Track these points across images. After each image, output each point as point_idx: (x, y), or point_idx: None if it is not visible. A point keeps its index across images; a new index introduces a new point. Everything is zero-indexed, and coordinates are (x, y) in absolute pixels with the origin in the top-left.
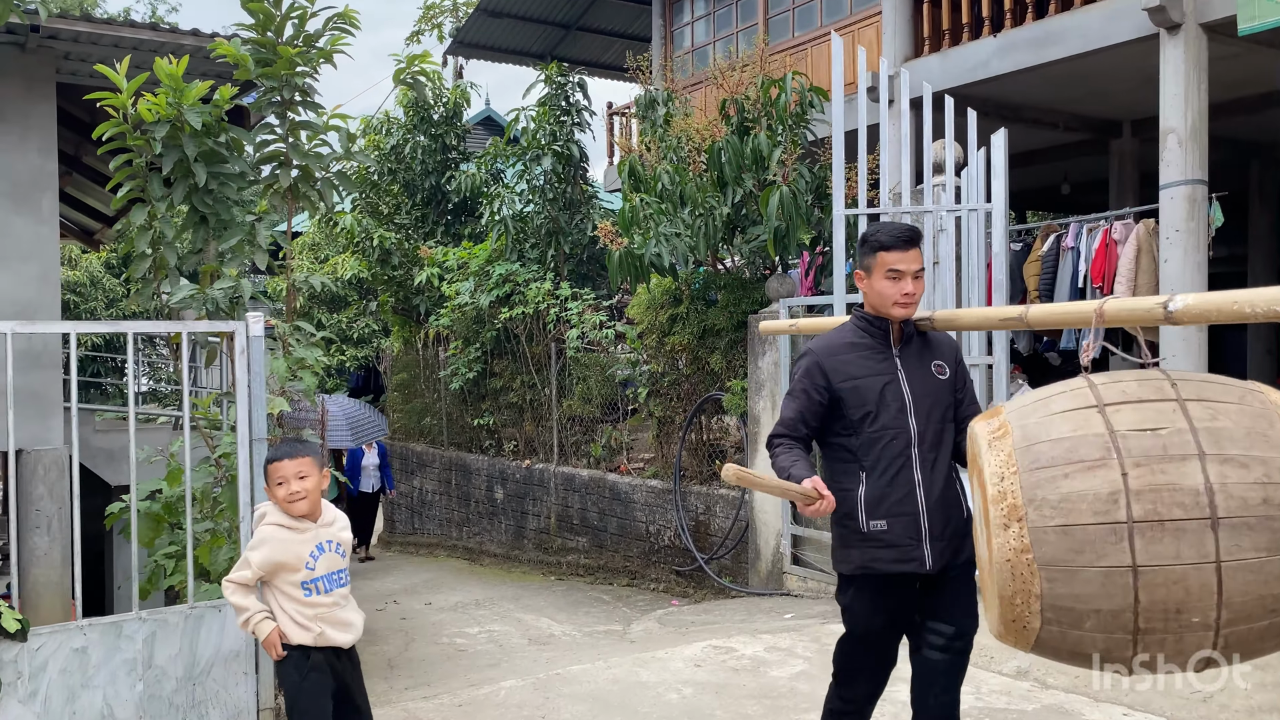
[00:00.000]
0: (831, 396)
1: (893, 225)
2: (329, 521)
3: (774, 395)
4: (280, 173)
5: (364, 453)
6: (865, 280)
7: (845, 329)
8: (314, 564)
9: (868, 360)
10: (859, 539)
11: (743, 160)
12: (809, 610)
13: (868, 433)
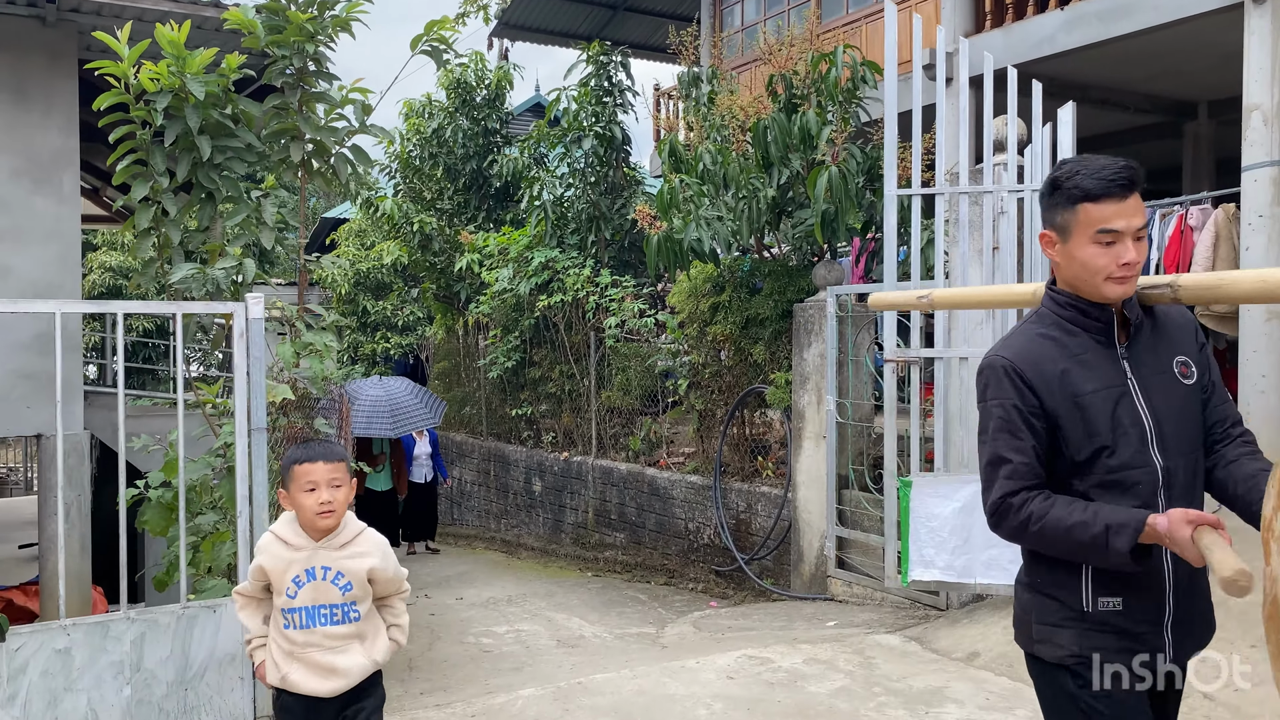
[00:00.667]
0: (1048, 422)
1: (1098, 162)
2: (341, 543)
3: (819, 389)
4: (292, 146)
5: (415, 441)
6: (1059, 246)
7: (1040, 321)
8: (295, 591)
9: (1087, 366)
10: (1074, 619)
11: (789, 139)
12: (853, 618)
13: (1100, 476)
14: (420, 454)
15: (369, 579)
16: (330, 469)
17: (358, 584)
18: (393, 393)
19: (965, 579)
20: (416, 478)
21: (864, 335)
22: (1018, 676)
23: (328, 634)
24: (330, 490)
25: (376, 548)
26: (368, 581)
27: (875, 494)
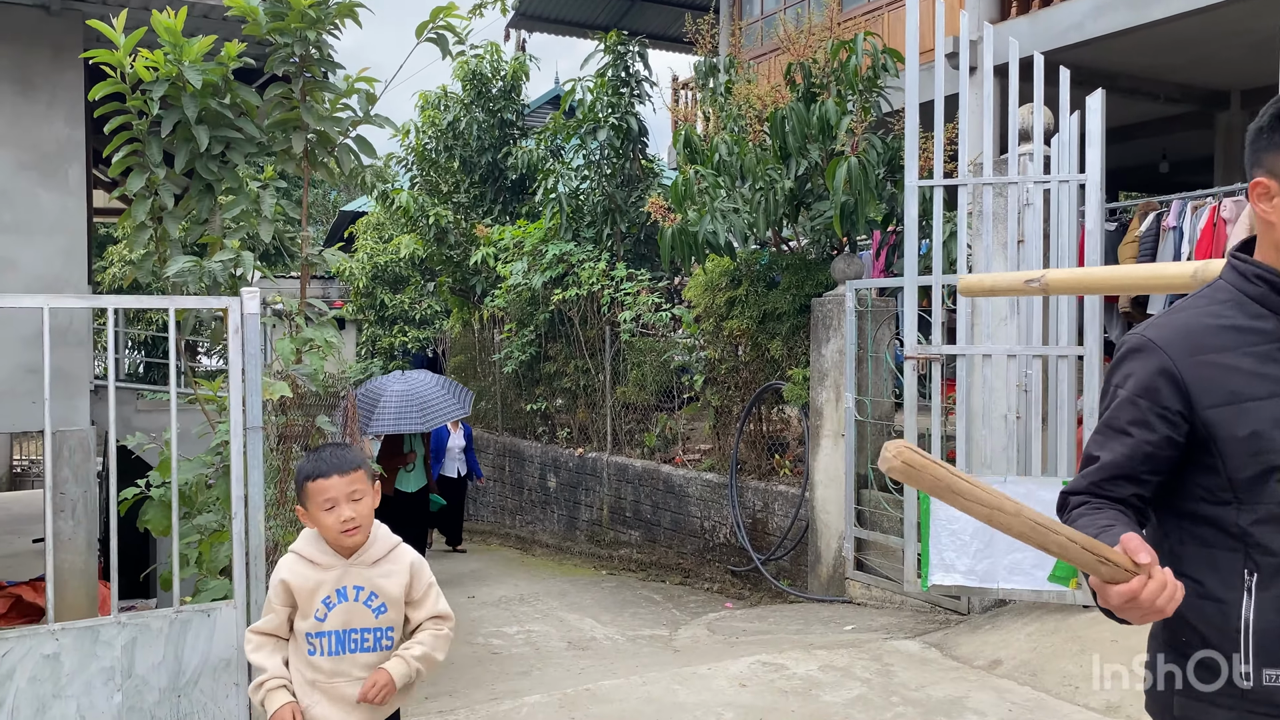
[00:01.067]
0: (1194, 431)
1: None
2: (373, 559)
3: (838, 386)
4: (294, 137)
5: (449, 433)
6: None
7: (1213, 297)
8: (325, 613)
9: (1267, 361)
10: (1231, 697)
11: (808, 129)
12: (871, 622)
13: (1270, 507)
14: (453, 447)
15: (405, 600)
16: (348, 481)
17: (393, 605)
18: (417, 385)
19: (987, 584)
20: (448, 472)
21: (884, 331)
22: (1041, 686)
23: (359, 662)
24: (351, 505)
25: (414, 566)
26: (404, 604)
27: (895, 494)
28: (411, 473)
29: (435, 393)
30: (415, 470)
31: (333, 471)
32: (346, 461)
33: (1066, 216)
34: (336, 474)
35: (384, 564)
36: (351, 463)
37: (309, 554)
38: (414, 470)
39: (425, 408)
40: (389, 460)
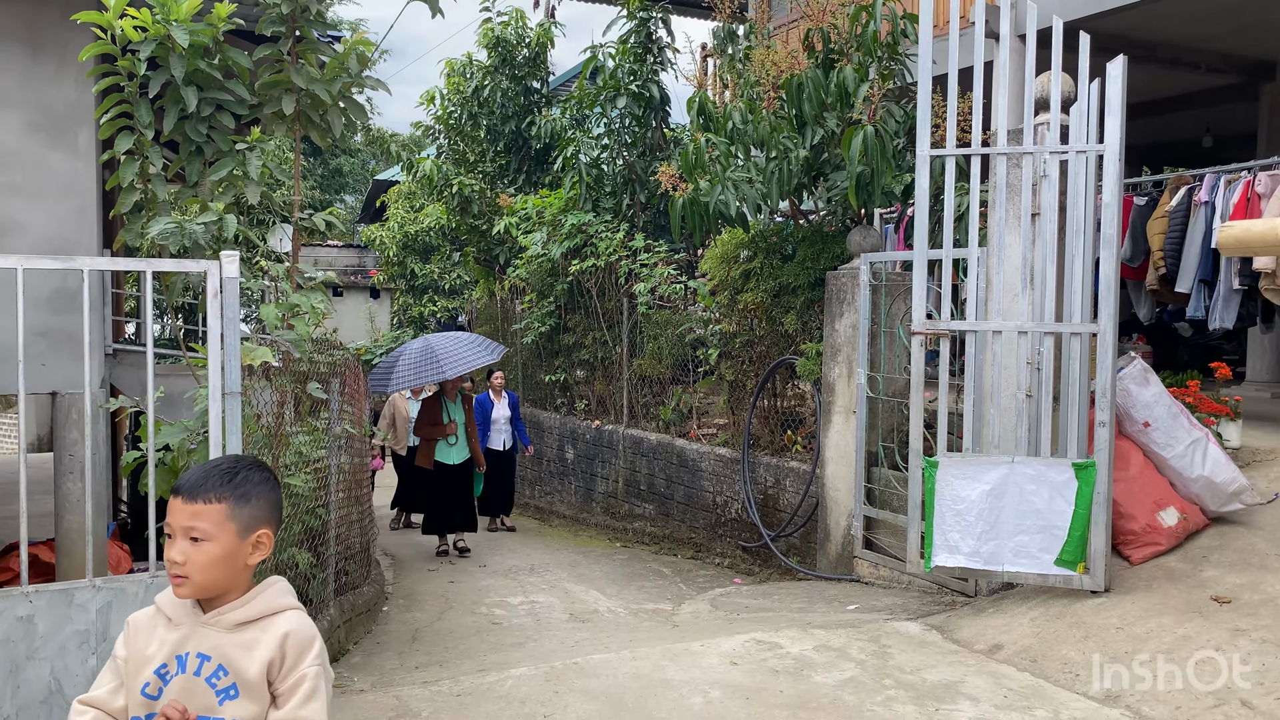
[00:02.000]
0: None
1: None
2: (236, 621)
3: (850, 362)
4: (284, 99)
5: (493, 403)
6: None
7: None
8: (157, 688)
9: None
10: None
11: (825, 96)
12: (876, 602)
13: None
14: (499, 417)
15: (269, 689)
16: (190, 512)
17: (247, 692)
18: (436, 339)
19: (992, 566)
20: (494, 444)
21: (899, 305)
22: (1040, 673)
23: None
24: (184, 543)
25: (287, 641)
26: (266, 685)
27: (905, 472)
28: (454, 445)
29: (455, 344)
30: (458, 442)
31: (181, 492)
32: (203, 486)
33: (1084, 188)
34: (183, 496)
35: (249, 630)
36: (208, 489)
37: (163, 602)
38: (456, 443)
39: (445, 358)
40: (427, 430)
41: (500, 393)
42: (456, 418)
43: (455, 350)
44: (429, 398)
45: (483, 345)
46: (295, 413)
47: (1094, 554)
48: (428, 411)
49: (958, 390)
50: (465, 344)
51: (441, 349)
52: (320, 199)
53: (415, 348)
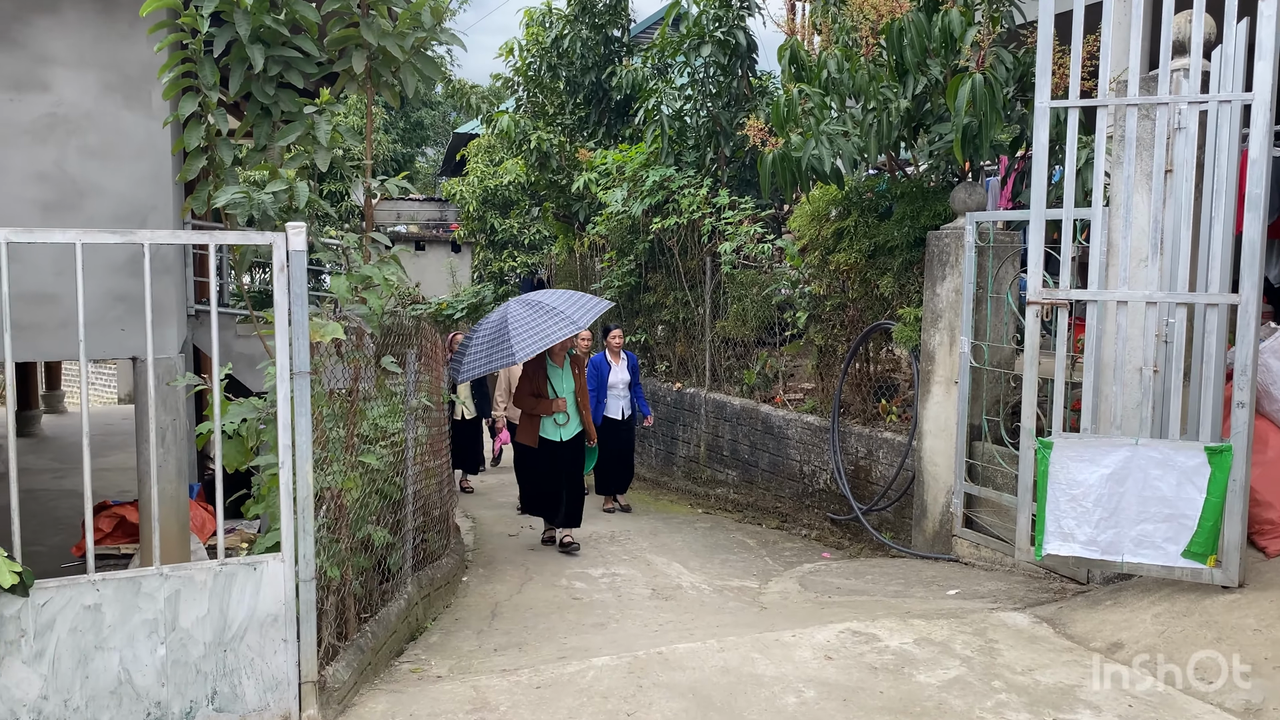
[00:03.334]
0: None
1: None
2: None
3: (952, 329)
4: (354, 55)
5: (609, 365)
6: None
7: None
8: None
9: None
10: None
11: (928, 42)
12: (977, 587)
13: None
14: (616, 382)
15: None
16: None
17: None
18: (513, 312)
19: (1110, 556)
20: (610, 412)
21: (1007, 269)
22: (1167, 678)
23: None
24: None
25: None
26: None
27: (1011, 448)
28: (564, 425)
29: (533, 317)
30: (569, 420)
31: None
32: None
33: (1227, 142)
34: None
35: None
36: None
37: None
38: (567, 421)
39: (517, 336)
40: (529, 401)
41: (618, 353)
42: (564, 386)
43: (528, 326)
44: (530, 360)
45: (586, 302)
46: (372, 384)
47: (1227, 546)
48: (528, 378)
49: (1070, 361)
50: (565, 301)
51: (515, 324)
52: (401, 152)
53: (490, 322)
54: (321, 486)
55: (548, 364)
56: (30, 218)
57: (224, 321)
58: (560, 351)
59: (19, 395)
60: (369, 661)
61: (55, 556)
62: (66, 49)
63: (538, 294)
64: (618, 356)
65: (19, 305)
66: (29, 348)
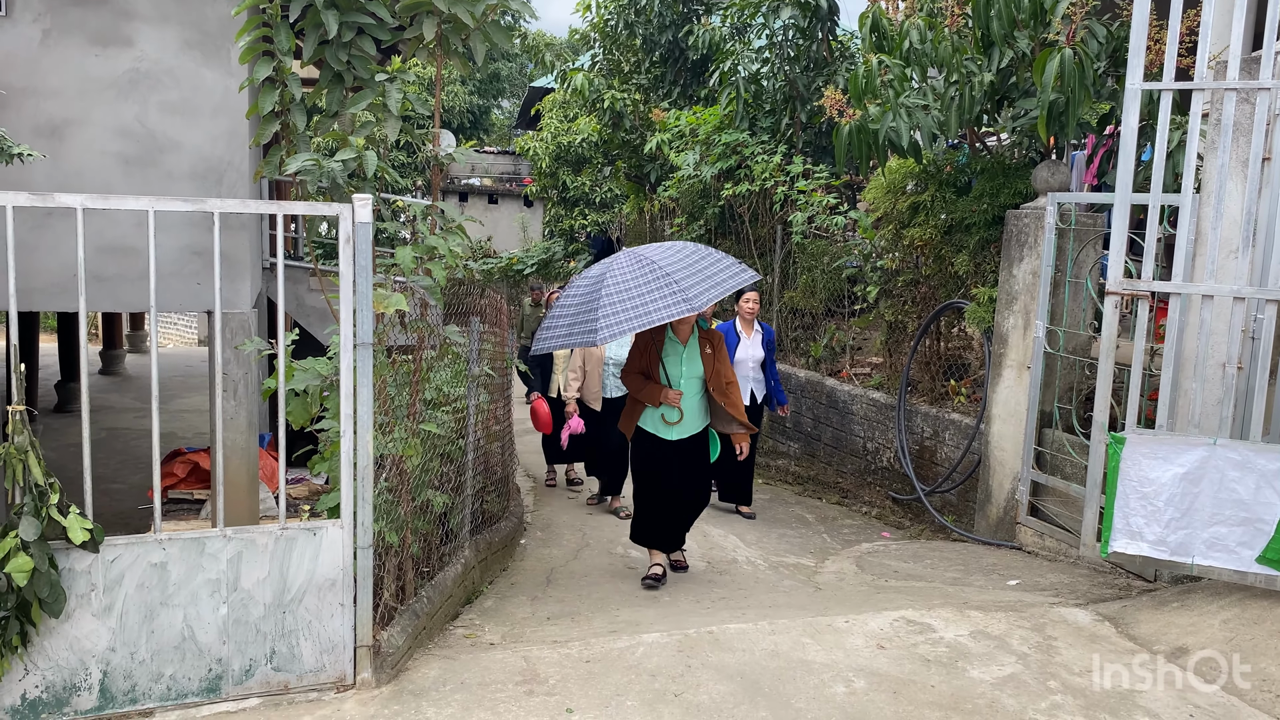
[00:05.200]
0: None
1: None
2: None
3: (1028, 312)
4: (424, 22)
5: (738, 337)
6: None
7: None
8: None
9: None
10: None
11: (1017, 13)
12: (1039, 578)
13: None
14: (745, 358)
15: None
16: None
17: None
18: (614, 270)
19: (1180, 557)
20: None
21: (1088, 252)
22: (1233, 688)
23: None
24: None
25: None
26: None
27: (1082, 438)
28: (676, 423)
29: (639, 282)
30: (684, 418)
31: None
32: None
33: None
34: None
35: None
36: None
37: None
38: (681, 419)
39: (608, 309)
40: (636, 381)
41: (751, 323)
42: (683, 371)
43: (664, 280)
44: (645, 331)
45: (716, 268)
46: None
47: None
48: (639, 351)
49: (1149, 354)
50: (686, 265)
51: (629, 285)
52: (478, 104)
53: (579, 290)
54: (383, 453)
55: (668, 335)
56: (112, 172)
57: (297, 275)
58: (685, 323)
59: (105, 335)
60: (424, 626)
61: (134, 495)
62: (149, 4)
63: (655, 249)
64: (750, 327)
65: (103, 257)
66: (110, 298)
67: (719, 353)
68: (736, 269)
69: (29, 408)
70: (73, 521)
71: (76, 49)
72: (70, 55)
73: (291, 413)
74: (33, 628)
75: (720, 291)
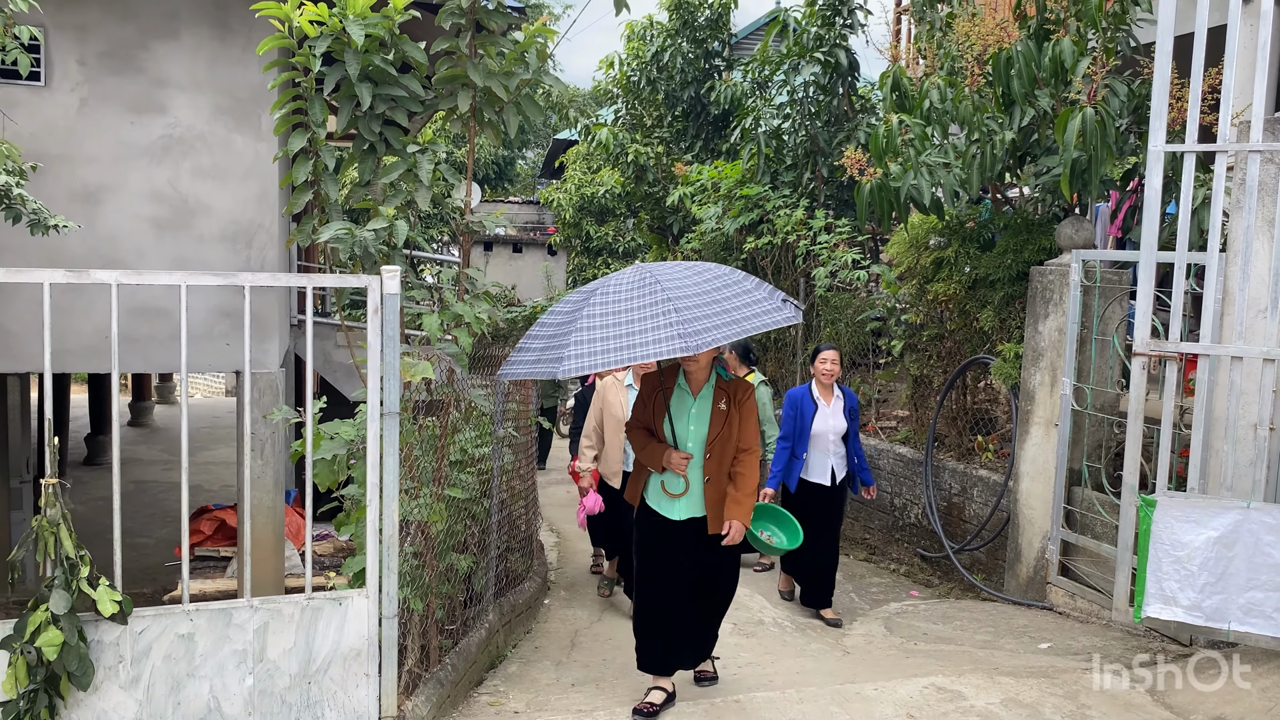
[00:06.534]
0: None
1: None
2: None
3: (1054, 369)
4: (460, 94)
5: (815, 404)
6: None
7: None
8: None
9: None
10: None
11: (1038, 71)
12: (1071, 641)
13: None
14: (824, 430)
15: None
16: None
17: None
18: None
19: (1216, 623)
20: (814, 475)
21: (1114, 309)
22: None
23: None
24: None
25: None
26: None
27: (1112, 496)
28: (679, 495)
29: (636, 306)
30: (689, 490)
31: None
32: None
33: None
34: None
35: None
36: None
37: None
38: (684, 491)
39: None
40: (639, 438)
41: (831, 389)
42: (690, 429)
43: (665, 305)
44: (649, 371)
45: (735, 300)
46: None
47: None
48: (644, 401)
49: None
50: (696, 290)
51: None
52: (503, 155)
53: (578, 298)
54: (407, 519)
55: (679, 381)
56: (146, 235)
57: (324, 331)
58: (700, 364)
59: (134, 387)
60: (448, 695)
61: (161, 550)
62: (183, 73)
63: (670, 268)
64: (830, 393)
65: (134, 319)
66: (142, 359)
67: (741, 411)
68: (769, 304)
69: (61, 480)
70: (102, 594)
71: (113, 117)
72: (106, 123)
73: (318, 476)
74: (61, 700)
75: (736, 331)
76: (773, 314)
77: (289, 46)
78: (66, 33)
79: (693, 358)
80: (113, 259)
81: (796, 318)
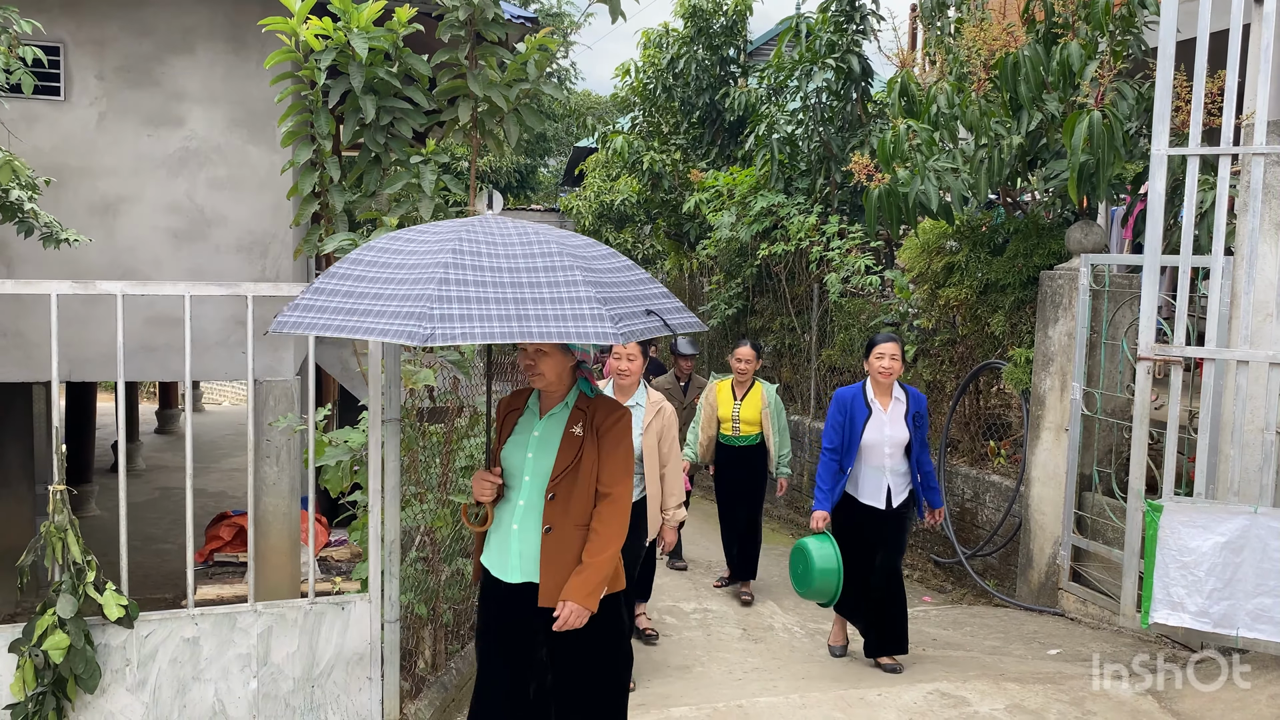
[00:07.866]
0: None
1: None
2: None
3: (1064, 374)
4: (461, 105)
5: (869, 408)
6: None
7: None
8: None
9: None
10: None
11: (1045, 75)
12: (1081, 646)
13: None
14: (881, 442)
15: None
16: None
17: None
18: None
19: (1223, 629)
20: (868, 496)
21: (1124, 314)
22: None
23: None
24: None
25: None
26: None
27: (1123, 501)
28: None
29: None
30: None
31: None
32: None
33: None
34: None
35: None
36: None
37: None
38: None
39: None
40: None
41: (888, 388)
42: (529, 462)
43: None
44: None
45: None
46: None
47: None
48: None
49: (1187, 416)
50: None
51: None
52: (524, 164)
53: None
54: (412, 525)
55: (532, 397)
56: (163, 246)
57: (343, 341)
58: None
59: (161, 395)
60: (451, 699)
61: (183, 555)
62: (199, 86)
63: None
64: (888, 395)
65: (152, 328)
66: (159, 367)
67: (604, 440)
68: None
69: (69, 487)
70: (109, 598)
71: (130, 130)
72: (124, 136)
73: (328, 481)
74: (68, 703)
75: (658, 327)
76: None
77: (296, 60)
78: (85, 48)
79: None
80: (131, 269)
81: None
